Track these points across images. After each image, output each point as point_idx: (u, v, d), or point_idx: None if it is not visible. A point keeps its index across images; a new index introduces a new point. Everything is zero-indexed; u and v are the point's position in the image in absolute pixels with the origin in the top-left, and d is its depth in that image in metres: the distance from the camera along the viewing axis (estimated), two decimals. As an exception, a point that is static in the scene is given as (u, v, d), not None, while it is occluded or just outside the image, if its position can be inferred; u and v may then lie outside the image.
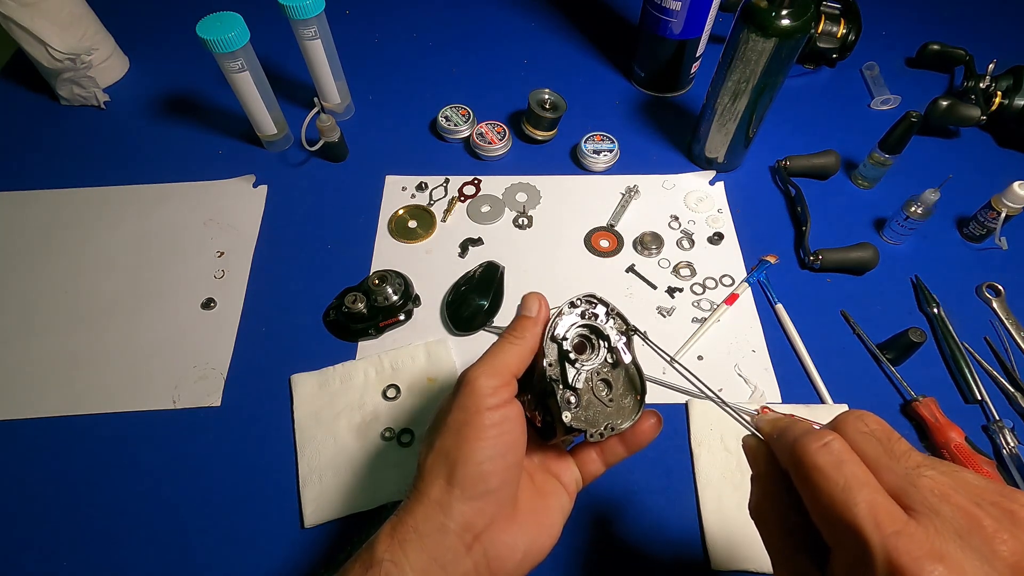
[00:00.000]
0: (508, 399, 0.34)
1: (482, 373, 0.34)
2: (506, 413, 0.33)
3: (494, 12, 0.92)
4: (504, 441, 0.33)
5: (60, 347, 0.60)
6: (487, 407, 0.33)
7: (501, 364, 0.34)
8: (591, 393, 0.36)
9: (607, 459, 0.39)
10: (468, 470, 0.32)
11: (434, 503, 0.32)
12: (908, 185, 0.67)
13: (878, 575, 0.22)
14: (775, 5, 0.55)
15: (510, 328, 0.36)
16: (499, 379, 0.34)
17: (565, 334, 0.37)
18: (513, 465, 0.34)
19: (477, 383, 0.33)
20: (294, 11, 0.64)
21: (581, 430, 0.35)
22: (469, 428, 0.33)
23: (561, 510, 0.38)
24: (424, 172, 0.73)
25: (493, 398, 0.33)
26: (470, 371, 0.34)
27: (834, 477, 0.24)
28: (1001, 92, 0.73)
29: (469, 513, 0.32)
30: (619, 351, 0.37)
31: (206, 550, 0.49)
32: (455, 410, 0.34)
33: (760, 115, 0.65)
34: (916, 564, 0.21)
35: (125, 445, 0.54)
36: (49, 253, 0.66)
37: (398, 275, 0.62)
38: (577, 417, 0.35)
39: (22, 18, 0.70)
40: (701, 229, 0.68)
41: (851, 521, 0.23)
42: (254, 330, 0.61)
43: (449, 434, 0.33)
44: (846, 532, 0.23)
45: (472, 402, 0.33)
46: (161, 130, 0.78)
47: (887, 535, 0.22)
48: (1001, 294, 0.62)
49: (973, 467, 0.49)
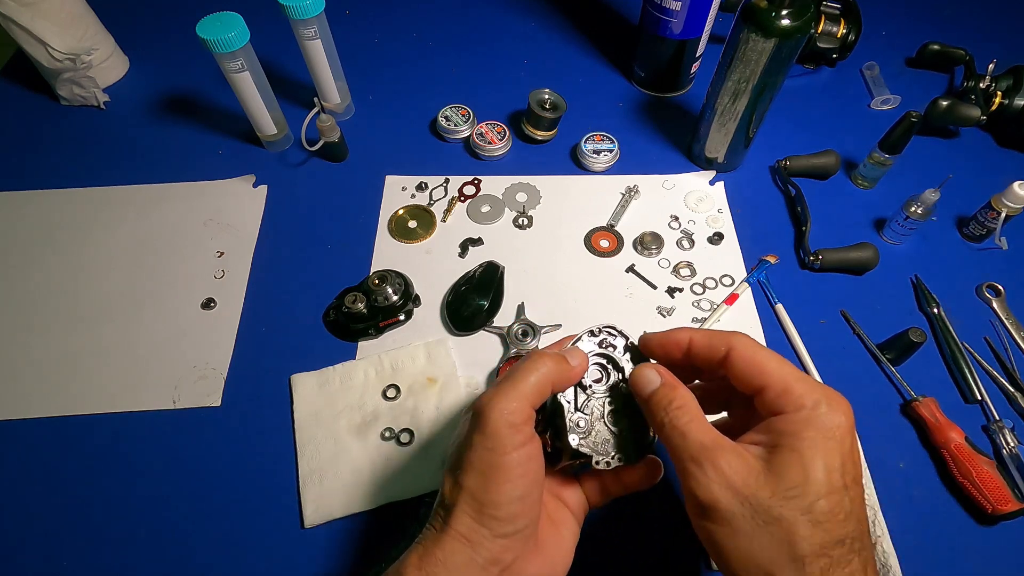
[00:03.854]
0: (530, 436, 0.34)
1: (501, 411, 0.33)
2: (530, 452, 0.33)
3: (494, 12, 0.92)
4: (529, 481, 0.33)
5: (60, 347, 0.60)
6: (513, 446, 0.32)
7: (521, 395, 0.34)
8: (602, 422, 0.37)
9: (609, 490, 0.40)
10: (498, 513, 0.32)
11: (462, 537, 0.32)
12: (908, 185, 0.67)
13: (820, 400, 0.31)
14: (775, 5, 0.55)
15: (536, 355, 0.35)
16: (520, 414, 0.33)
17: None
18: (536, 501, 0.34)
19: (500, 422, 0.32)
20: (294, 11, 0.64)
21: (587, 455, 0.35)
22: (496, 472, 0.32)
23: (572, 537, 0.38)
24: (424, 172, 0.73)
25: (517, 436, 0.33)
26: (490, 406, 0.33)
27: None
28: (1001, 92, 0.73)
29: (498, 550, 0.33)
30: None
31: (206, 550, 0.49)
32: (479, 449, 0.33)
33: (760, 115, 0.65)
34: (842, 400, 0.32)
35: (125, 445, 0.54)
36: (49, 253, 0.66)
37: (398, 275, 0.62)
38: (584, 442, 0.36)
39: (22, 18, 0.70)
40: (701, 229, 0.68)
41: (799, 375, 0.33)
42: (254, 330, 0.61)
43: (474, 474, 0.33)
44: (799, 381, 0.32)
45: (497, 443, 0.32)
46: (161, 130, 0.78)
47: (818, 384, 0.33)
48: (1001, 294, 0.62)
49: (974, 467, 0.49)
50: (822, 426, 0.30)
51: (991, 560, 0.49)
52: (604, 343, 0.38)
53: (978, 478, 0.49)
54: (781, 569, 0.28)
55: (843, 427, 0.30)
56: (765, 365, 0.33)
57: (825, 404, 0.31)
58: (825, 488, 0.29)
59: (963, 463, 0.50)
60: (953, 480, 0.51)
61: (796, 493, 0.29)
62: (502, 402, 0.33)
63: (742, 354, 0.34)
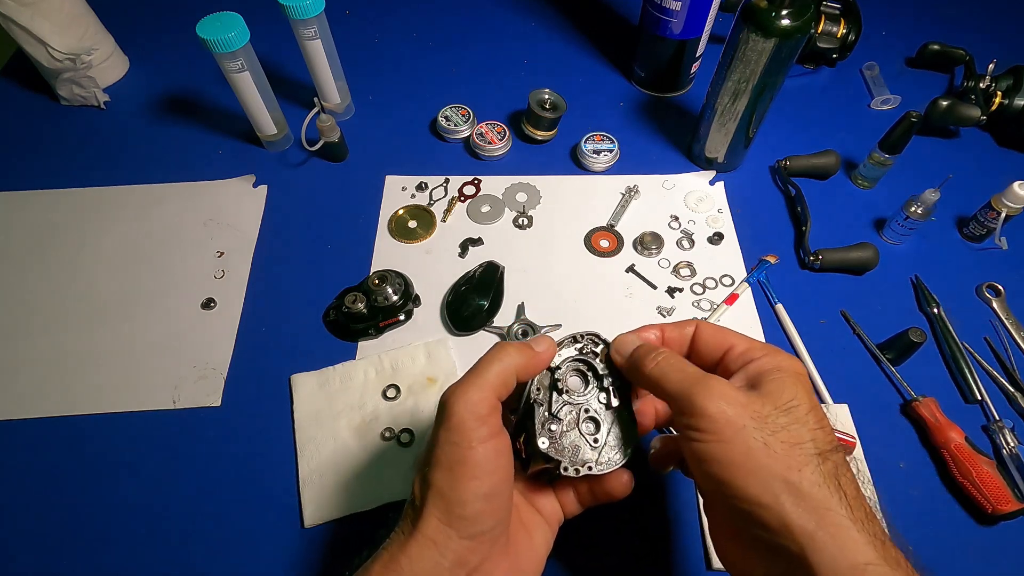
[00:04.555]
0: (497, 429, 0.33)
1: (465, 402, 0.32)
2: (497, 447, 0.33)
3: (494, 12, 0.92)
4: (498, 479, 0.32)
5: (60, 347, 0.60)
6: (478, 440, 0.32)
7: (485, 385, 0.33)
8: (576, 430, 0.36)
9: (582, 500, 0.39)
10: (464, 511, 0.31)
11: (428, 540, 0.32)
12: (908, 185, 0.67)
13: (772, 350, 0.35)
14: (775, 5, 0.55)
15: (499, 345, 0.35)
16: (485, 405, 0.32)
17: (560, 364, 0.37)
18: (506, 502, 0.34)
19: (464, 414, 0.32)
20: (294, 11, 0.64)
21: (554, 460, 0.35)
22: (462, 467, 0.32)
23: (545, 544, 0.38)
24: (424, 172, 0.73)
25: (482, 429, 0.32)
26: (452, 398, 0.33)
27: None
28: (1001, 92, 0.73)
29: (464, 552, 0.32)
30: (612, 393, 0.37)
31: (206, 550, 0.49)
32: (444, 444, 0.32)
33: (760, 115, 0.65)
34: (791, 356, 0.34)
35: (125, 445, 0.54)
36: (49, 253, 0.66)
37: (398, 275, 0.62)
38: (555, 446, 0.35)
39: (22, 18, 0.70)
40: (701, 229, 0.68)
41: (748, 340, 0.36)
42: (254, 330, 0.61)
43: (441, 471, 0.32)
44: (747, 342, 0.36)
45: (462, 436, 0.32)
46: (161, 130, 0.78)
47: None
48: (1001, 294, 0.62)
49: (974, 467, 0.49)
50: (790, 368, 0.33)
51: (991, 560, 0.49)
52: (585, 350, 0.38)
53: (978, 478, 0.49)
54: (800, 470, 0.29)
55: (804, 374, 0.34)
56: (728, 332, 0.37)
57: (784, 357, 0.34)
58: (812, 404, 0.32)
59: (963, 463, 0.50)
60: (953, 480, 0.51)
61: (793, 405, 0.31)
62: (466, 393, 0.32)
63: (706, 327, 0.37)
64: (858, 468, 0.52)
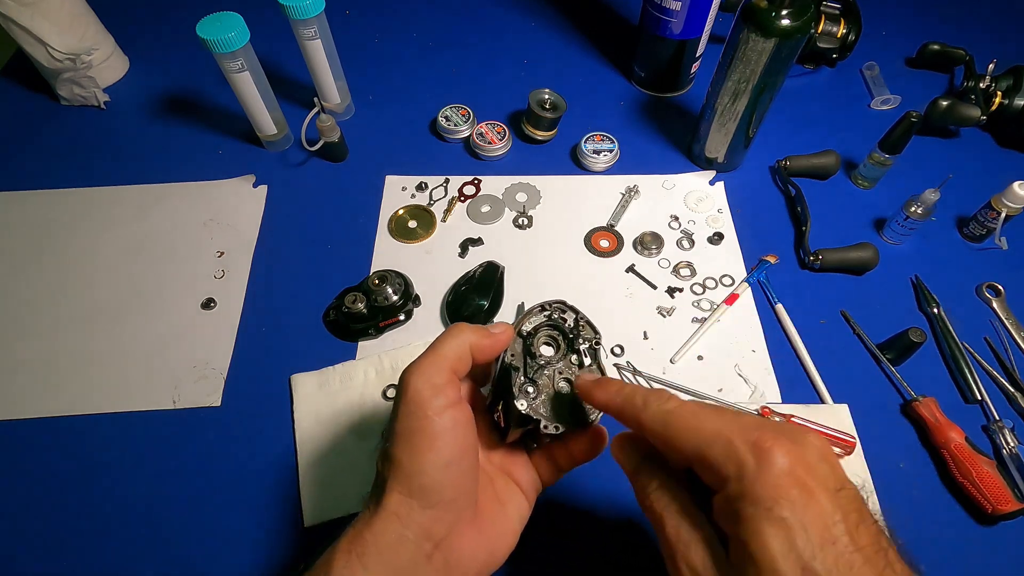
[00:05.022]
0: (454, 400, 0.33)
1: (420, 374, 0.32)
2: (455, 416, 0.32)
3: (494, 12, 0.92)
4: (457, 447, 0.32)
5: (60, 347, 0.60)
6: (434, 411, 0.32)
7: (439, 359, 0.33)
8: (551, 390, 0.37)
9: (560, 463, 0.39)
10: (423, 480, 0.31)
11: (392, 514, 0.32)
12: (908, 185, 0.67)
13: (746, 462, 0.26)
14: (775, 5, 0.55)
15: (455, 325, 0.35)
16: (440, 376, 0.32)
17: (532, 331, 0.38)
18: (468, 470, 0.33)
19: (420, 384, 0.32)
20: (294, 11, 0.64)
21: (534, 420, 0.35)
22: (420, 436, 0.32)
23: (519, 517, 0.37)
24: (424, 172, 0.73)
25: (438, 400, 0.32)
26: (408, 372, 0.33)
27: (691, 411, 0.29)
28: (1001, 92, 0.73)
29: (427, 522, 0.32)
30: (583, 354, 0.38)
31: (206, 550, 0.49)
32: (403, 417, 0.32)
33: (760, 115, 0.65)
34: (775, 443, 0.26)
35: (125, 445, 0.54)
36: (49, 253, 0.66)
37: (398, 275, 0.62)
38: (533, 408, 0.35)
39: (22, 18, 0.70)
40: (701, 229, 0.68)
41: (716, 431, 0.27)
42: (254, 330, 0.61)
43: (400, 443, 0.32)
44: (714, 444, 0.27)
45: (418, 408, 0.32)
46: (161, 130, 0.78)
47: (748, 430, 0.27)
48: (1001, 294, 0.62)
49: (974, 467, 0.49)
50: (756, 499, 0.25)
51: (991, 560, 0.49)
52: (554, 316, 0.39)
53: (978, 478, 0.49)
54: None
55: (783, 486, 0.25)
56: (678, 432, 0.29)
57: (753, 462, 0.25)
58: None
59: (963, 463, 0.50)
60: (953, 480, 0.51)
61: None
62: (420, 366, 0.33)
63: (651, 424, 0.30)
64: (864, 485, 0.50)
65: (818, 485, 0.25)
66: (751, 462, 0.25)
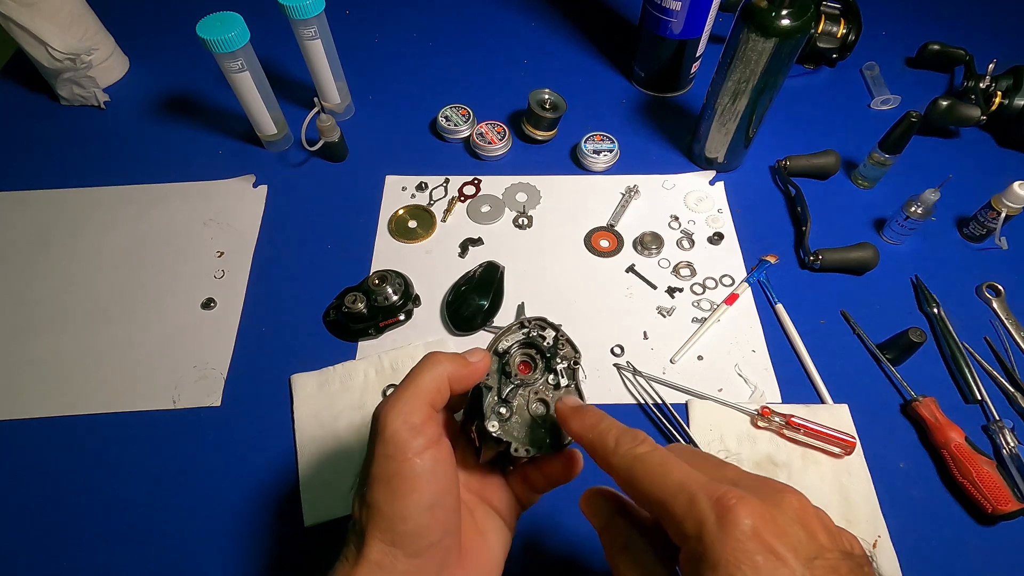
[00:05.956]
0: (434, 438, 0.31)
1: (398, 413, 0.30)
2: (435, 456, 0.30)
3: (494, 12, 0.92)
4: (440, 487, 0.30)
5: (60, 347, 0.60)
6: (414, 452, 0.30)
7: (417, 394, 0.31)
8: (526, 411, 0.35)
9: (535, 485, 0.37)
10: (406, 527, 0.29)
11: (374, 565, 0.29)
12: (908, 185, 0.67)
13: (706, 519, 0.23)
14: (775, 5, 0.55)
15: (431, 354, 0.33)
16: (418, 414, 0.30)
17: (508, 349, 0.37)
18: (452, 510, 0.31)
19: (394, 426, 0.30)
20: (294, 11, 0.64)
21: (504, 442, 0.34)
22: (400, 480, 0.29)
23: (502, 547, 0.36)
24: (424, 172, 0.73)
25: (417, 440, 0.30)
26: (384, 410, 0.31)
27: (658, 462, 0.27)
28: (1001, 92, 0.73)
29: (413, 572, 0.30)
30: (560, 374, 0.36)
31: (206, 550, 0.49)
32: (380, 459, 0.30)
33: (760, 115, 0.65)
34: (740, 502, 0.23)
35: (125, 445, 0.54)
36: (49, 253, 0.66)
37: (398, 275, 0.62)
38: (505, 429, 0.34)
39: (22, 18, 0.70)
40: (701, 229, 0.68)
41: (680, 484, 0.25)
42: (254, 330, 0.61)
43: (379, 488, 0.30)
44: (676, 497, 0.25)
45: (397, 449, 0.30)
46: (161, 130, 0.78)
47: (714, 485, 0.25)
48: (1001, 294, 0.62)
49: (974, 467, 0.49)
50: (716, 562, 0.23)
51: (991, 560, 0.49)
52: (532, 334, 0.37)
53: (978, 478, 0.49)
54: None
55: (746, 551, 0.22)
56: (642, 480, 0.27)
57: (714, 520, 0.23)
58: None
59: (963, 463, 0.50)
60: (953, 480, 0.51)
61: None
62: (397, 404, 0.31)
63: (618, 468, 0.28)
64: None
65: (789, 552, 0.23)
66: (711, 520, 0.23)
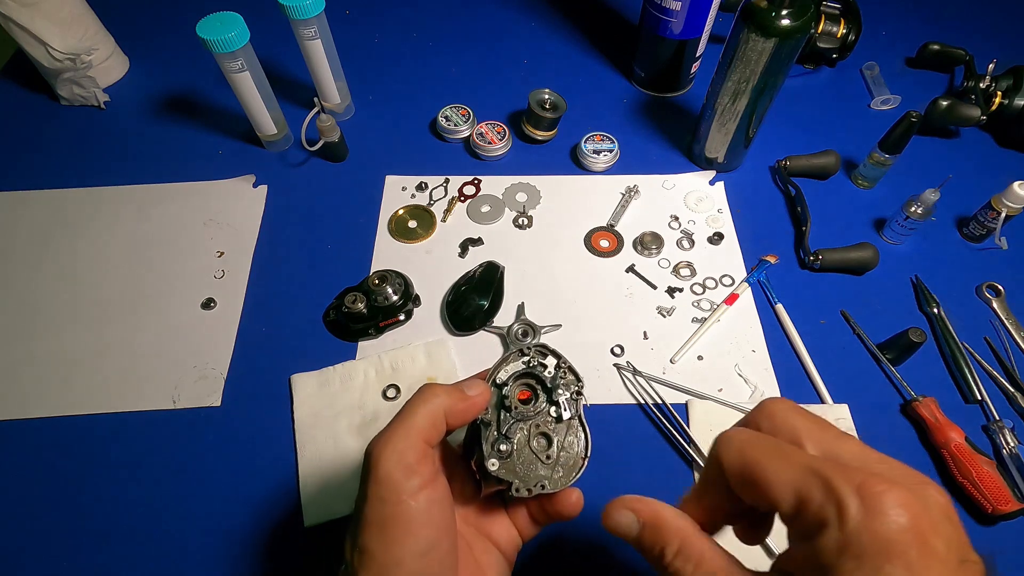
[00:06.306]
0: (429, 478, 0.30)
1: (392, 451, 0.29)
2: (431, 496, 0.29)
3: (494, 12, 0.92)
4: (436, 530, 0.29)
5: (60, 347, 0.60)
6: (408, 494, 0.29)
7: (412, 431, 0.30)
8: (528, 447, 0.34)
9: (537, 519, 0.36)
10: (403, 571, 0.28)
11: None
12: (908, 185, 0.67)
13: (848, 506, 0.21)
14: (775, 5, 0.55)
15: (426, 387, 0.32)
16: (413, 453, 0.29)
17: (507, 380, 0.35)
18: (449, 552, 0.30)
19: (387, 467, 0.29)
20: (294, 11, 0.64)
21: (505, 481, 0.33)
22: (395, 525, 0.28)
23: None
24: (424, 172, 0.73)
25: (411, 481, 0.29)
26: (377, 448, 0.29)
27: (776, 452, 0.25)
28: (1001, 92, 0.73)
29: None
30: (562, 406, 0.35)
31: (206, 550, 0.49)
32: (373, 501, 0.29)
33: (760, 115, 0.65)
34: (889, 490, 0.21)
35: (125, 445, 0.54)
36: (49, 253, 0.66)
37: (398, 275, 0.62)
38: (506, 466, 0.33)
39: (22, 18, 0.70)
40: (701, 229, 0.68)
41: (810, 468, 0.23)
42: (254, 330, 0.61)
43: (372, 532, 0.29)
44: (810, 482, 0.23)
45: (390, 492, 0.28)
46: (161, 130, 0.78)
47: (852, 470, 0.22)
48: (1001, 294, 0.62)
49: (974, 467, 0.49)
50: (862, 553, 0.21)
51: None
52: (533, 363, 0.36)
53: (978, 478, 0.49)
54: None
55: (900, 542, 0.20)
56: (765, 467, 0.24)
57: (859, 508, 0.21)
58: None
59: (963, 463, 0.50)
60: (953, 480, 0.51)
61: None
62: (391, 442, 0.29)
63: (731, 461, 0.26)
64: None
65: (944, 548, 0.21)
66: (854, 507, 0.21)
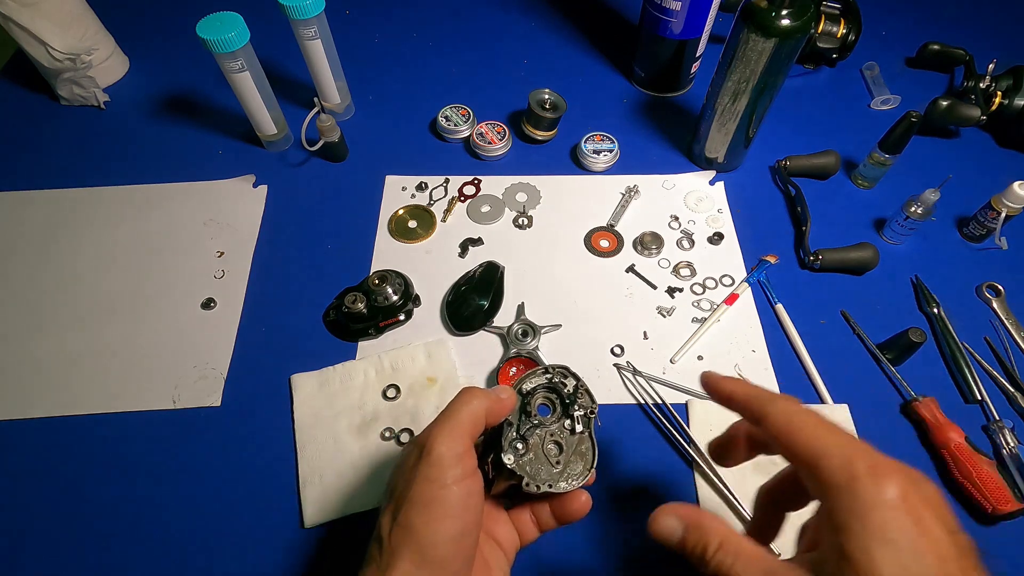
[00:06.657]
0: (471, 470, 0.34)
1: (444, 437, 0.33)
2: (469, 487, 0.33)
3: (494, 12, 0.92)
4: (471, 519, 0.33)
5: (60, 347, 0.60)
6: (453, 480, 0.32)
7: (460, 424, 0.34)
8: (540, 450, 0.38)
9: (542, 523, 0.39)
10: (437, 553, 0.31)
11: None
12: (908, 185, 0.67)
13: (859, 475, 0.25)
14: (775, 5, 0.55)
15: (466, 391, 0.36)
16: (461, 443, 0.33)
17: (531, 390, 0.40)
18: (473, 544, 0.34)
19: (440, 450, 0.32)
20: (294, 11, 0.64)
21: (518, 476, 0.37)
22: (438, 506, 0.32)
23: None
24: (424, 172, 0.73)
25: (456, 469, 0.32)
26: (433, 435, 0.33)
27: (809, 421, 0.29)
28: (1001, 92, 0.73)
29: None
30: (576, 420, 0.39)
31: (206, 550, 0.49)
32: (422, 481, 0.32)
33: (760, 115, 0.65)
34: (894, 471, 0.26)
35: (125, 445, 0.54)
36: (49, 253, 0.66)
37: (398, 275, 0.62)
38: (520, 464, 0.37)
39: (22, 18, 0.70)
40: (701, 229, 0.68)
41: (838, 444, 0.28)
42: (254, 330, 0.61)
43: (417, 510, 0.32)
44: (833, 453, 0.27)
45: (440, 474, 0.32)
46: (161, 130, 0.78)
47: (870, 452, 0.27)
48: (1001, 294, 0.62)
49: (974, 467, 0.49)
50: (866, 514, 0.24)
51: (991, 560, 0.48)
52: (555, 380, 0.41)
53: (978, 478, 0.49)
54: None
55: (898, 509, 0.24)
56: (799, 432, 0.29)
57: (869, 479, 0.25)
58: None
59: (963, 463, 0.50)
60: (953, 480, 0.51)
61: None
62: (444, 429, 0.33)
63: (775, 421, 0.30)
64: None
65: (935, 520, 0.25)
66: (866, 478, 0.25)
